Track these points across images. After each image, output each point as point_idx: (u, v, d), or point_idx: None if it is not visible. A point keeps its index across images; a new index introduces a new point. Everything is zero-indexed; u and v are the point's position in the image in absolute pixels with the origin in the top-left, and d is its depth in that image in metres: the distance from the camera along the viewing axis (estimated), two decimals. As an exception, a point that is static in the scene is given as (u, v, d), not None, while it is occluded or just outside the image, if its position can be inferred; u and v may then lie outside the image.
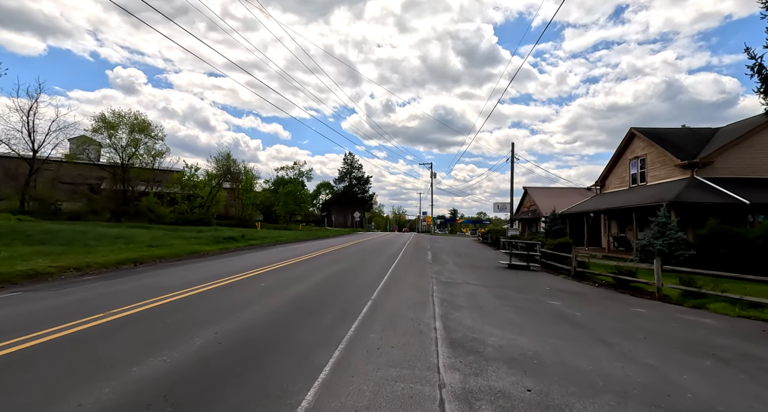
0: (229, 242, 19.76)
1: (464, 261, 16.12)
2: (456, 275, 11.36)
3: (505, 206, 57.34)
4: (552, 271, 14.16)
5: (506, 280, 11.11)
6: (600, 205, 23.09)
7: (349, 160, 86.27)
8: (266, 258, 13.83)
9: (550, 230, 27.96)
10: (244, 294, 7.12)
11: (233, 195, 48.42)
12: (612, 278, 10.94)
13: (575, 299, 8.41)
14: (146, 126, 31.84)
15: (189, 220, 34.62)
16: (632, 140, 22.89)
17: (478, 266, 14.40)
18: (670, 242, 14.53)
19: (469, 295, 8.24)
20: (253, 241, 21.99)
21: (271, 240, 23.91)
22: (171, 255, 13.37)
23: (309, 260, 13.53)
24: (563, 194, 44.37)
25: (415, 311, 6.43)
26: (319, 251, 17.50)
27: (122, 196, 31.87)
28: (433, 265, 13.98)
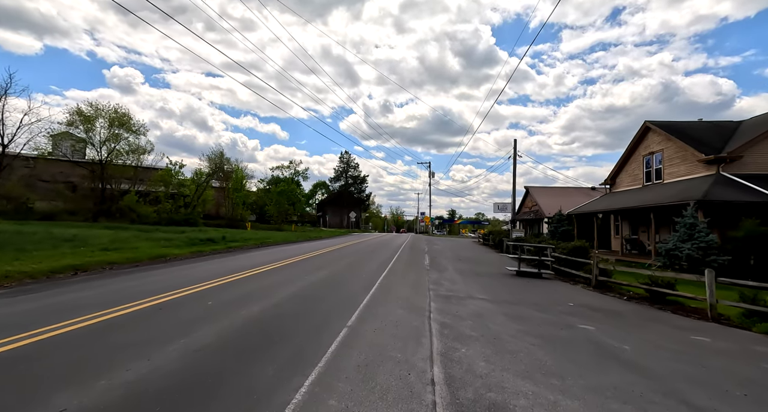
0: (205, 245, 17.91)
1: (466, 267, 14.33)
2: (458, 286, 9.56)
3: (505, 206, 55.56)
4: (567, 279, 12.38)
5: (518, 292, 9.31)
6: (612, 204, 21.34)
7: (346, 158, 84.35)
8: (239, 264, 12.01)
9: (556, 231, 26.22)
10: (175, 320, 5.29)
11: (224, 194, 46.58)
12: (644, 289, 9.18)
13: (611, 321, 6.62)
14: (127, 120, 29.93)
15: (173, 220, 32.73)
16: (646, 135, 21.16)
17: (482, 273, 12.61)
18: (700, 245, 12.77)
19: (477, 316, 6.44)
20: (234, 243, 20.14)
21: (256, 242, 22.06)
22: (128, 260, 11.53)
23: (288, 266, 11.71)
24: (566, 194, 42.74)
25: (405, 346, 4.63)
26: (305, 255, 15.68)
27: (101, 194, 29.93)
28: (431, 272, 12.19)
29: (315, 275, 10.10)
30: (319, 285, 8.52)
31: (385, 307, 6.67)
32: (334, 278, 9.69)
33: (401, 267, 12.97)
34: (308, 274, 10.18)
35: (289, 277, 9.53)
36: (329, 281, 9.27)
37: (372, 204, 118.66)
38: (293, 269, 11.05)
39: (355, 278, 10.00)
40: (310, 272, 10.66)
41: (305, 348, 4.34)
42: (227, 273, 9.65)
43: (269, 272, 10.36)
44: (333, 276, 10.05)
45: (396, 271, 11.82)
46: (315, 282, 8.89)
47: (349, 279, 9.67)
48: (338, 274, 10.54)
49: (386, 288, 8.57)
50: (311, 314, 5.87)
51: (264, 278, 9.27)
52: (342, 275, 10.29)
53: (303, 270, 10.94)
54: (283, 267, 11.48)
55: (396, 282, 9.54)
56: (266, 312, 5.87)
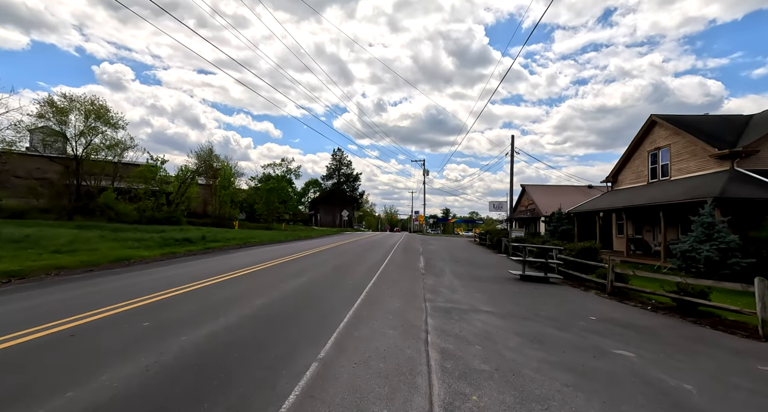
0: (180, 245, 16.45)
1: (464, 270, 13.08)
2: (458, 295, 8.29)
3: (501, 205, 54.44)
4: (576, 283, 11.19)
5: (527, 301, 8.07)
6: (616, 202, 20.27)
7: (338, 156, 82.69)
8: (210, 268, 10.62)
9: (555, 230, 25.15)
10: (83, 353, 3.93)
11: (211, 192, 44.91)
12: (670, 298, 7.99)
13: (649, 343, 5.39)
14: (104, 112, 28.17)
15: (154, 218, 31.07)
16: (652, 129, 20.11)
17: (483, 278, 11.36)
18: (719, 246, 11.66)
19: (485, 337, 5.17)
20: (214, 243, 18.69)
21: (239, 242, 20.62)
22: (81, 264, 10.08)
23: (265, 271, 10.34)
24: (564, 192, 41.83)
25: (393, 392, 3.32)
26: (289, 257, 14.32)
27: (76, 191, 28.18)
28: (427, 276, 10.91)
29: (292, 282, 8.75)
30: (293, 297, 7.18)
31: (371, 326, 5.36)
32: (315, 287, 8.35)
33: (394, 271, 11.67)
34: (285, 281, 8.83)
35: (262, 285, 8.18)
36: (308, 290, 7.93)
37: (366, 203, 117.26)
38: (269, 275, 9.69)
39: (340, 285, 8.68)
40: (288, 278, 9.31)
41: (251, 402, 3.01)
42: (190, 280, 8.27)
43: (240, 278, 9.00)
44: (313, 284, 8.71)
45: (387, 276, 10.52)
46: (290, 293, 7.55)
47: (332, 287, 8.35)
48: (320, 280, 9.21)
49: (375, 299, 7.26)
50: (274, 343, 4.53)
51: (231, 286, 7.90)
52: (324, 283, 8.96)
53: (280, 276, 9.59)
54: (258, 272, 10.11)
55: (387, 291, 8.23)
56: (214, 339, 4.53)
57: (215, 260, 12.72)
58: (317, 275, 9.94)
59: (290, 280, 8.97)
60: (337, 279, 9.52)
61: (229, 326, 5.05)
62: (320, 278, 9.60)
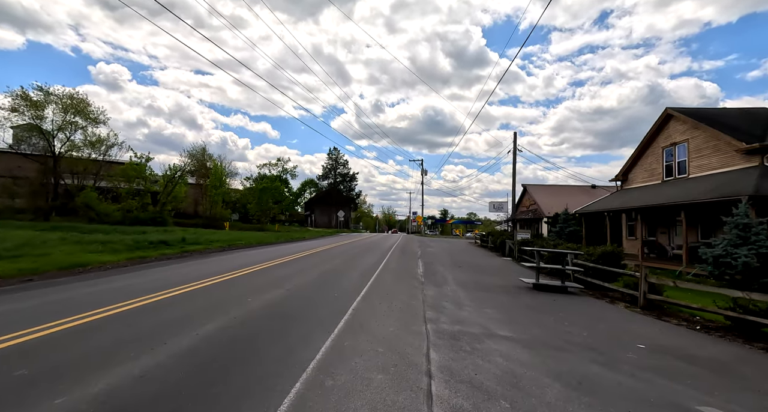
0: (155, 248, 14.91)
1: (469, 277, 11.62)
2: (466, 313, 6.81)
3: (501, 206, 53.05)
4: (597, 293, 9.75)
5: (551, 321, 6.60)
6: (628, 202, 18.87)
7: (334, 155, 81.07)
8: (175, 277, 9.11)
9: (562, 231, 23.72)
10: None
11: (202, 192, 43.35)
12: (723, 316, 6.56)
13: (737, 391, 3.93)
14: (84, 107, 26.59)
15: (138, 219, 29.49)
16: (667, 124, 18.73)
17: (492, 287, 9.90)
18: (759, 251, 10.24)
19: (512, 385, 3.69)
20: (194, 246, 17.15)
21: (222, 245, 19.08)
22: (19, 273, 8.56)
23: (235, 280, 8.84)
24: (566, 193, 40.52)
25: None
26: (272, 261, 12.82)
27: (54, 191, 26.57)
28: (427, 286, 9.44)
29: (265, 296, 7.26)
30: (258, 318, 5.69)
31: (351, 368, 3.87)
32: (289, 303, 6.86)
33: (389, 279, 10.19)
34: (257, 294, 7.33)
35: (225, 300, 6.68)
36: (280, 307, 6.44)
37: (364, 203, 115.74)
38: (239, 286, 8.19)
39: (321, 300, 7.19)
40: (261, 290, 7.81)
41: None
42: (138, 294, 6.76)
43: (201, 290, 7.49)
44: (289, 298, 7.22)
45: (381, 286, 9.04)
46: (256, 312, 6.05)
47: (311, 304, 6.86)
48: (299, 293, 7.71)
49: (362, 321, 5.78)
50: (216, 394, 3.02)
51: (184, 303, 6.40)
52: (303, 296, 7.46)
53: (253, 287, 8.09)
54: (228, 281, 8.61)
55: (378, 307, 6.75)
56: (133, 388, 3.02)
57: (186, 267, 11.20)
58: (297, 286, 8.44)
59: (263, 293, 7.47)
60: (320, 291, 8.03)
61: (132, 380, 3.51)
62: (300, 289, 8.11)
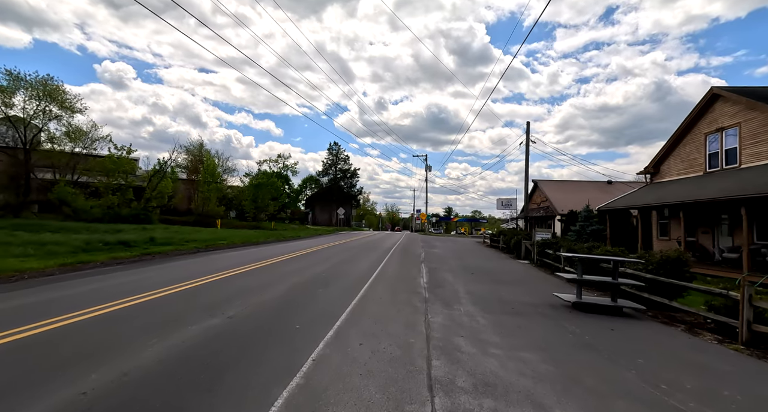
0: (109, 250, 12.62)
1: (487, 290, 9.19)
2: (496, 363, 4.38)
3: (510, 203, 50.37)
4: (659, 314, 7.30)
5: (638, 382, 4.16)
6: (664, 197, 16.33)
7: (335, 150, 78.51)
8: (97, 294, 6.79)
9: (582, 231, 21.21)
10: None
11: (193, 187, 41.22)
12: None
13: None
14: (58, 93, 24.37)
15: (119, 216, 27.34)
16: (712, 107, 16.12)
17: (520, 307, 7.46)
18: None
19: None
20: (163, 247, 14.87)
21: (200, 245, 16.77)
22: None
23: (168, 298, 6.49)
24: (580, 189, 37.91)
25: None
26: (245, 267, 10.47)
27: (25, 185, 24.44)
28: (433, 306, 7.03)
29: (178, 332, 4.88)
30: (126, 392, 3.31)
31: None
32: (211, 349, 4.48)
33: (381, 296, 7.79)
34: (168, 328, 4.96)
35: (106, 342, 4.32)
36: (189, 362, 4.06)
37: (367, 201, 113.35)
38: (154, 311, 5.83)
39: (268, 341, 4.81)
40: (179, 320, 5.44)
41: None
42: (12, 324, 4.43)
43: (95, 321, 5.14)
44: (218, 338, 4.84)
45: (369, 308, 6.65)
46: (137, 374, 3.68)
47: (247, 351, 4.47)
48: (238, 327, 5.33)
49: (322, 390, 3.38)
50: None
51: (65, 344, 4.05)
52: (241, 334, 5.08)
53: (170, 315, 5.72)
54: (145, 304, 6.26)
55: (357, 355, 4.36)
56: None
57: (122, 277, 8.88)
58: (248, 310, 6.06)
59: (186, 324, 5.09)
60: (279, 318, 5.65)
61: None
62: (249, 315, 5.73)
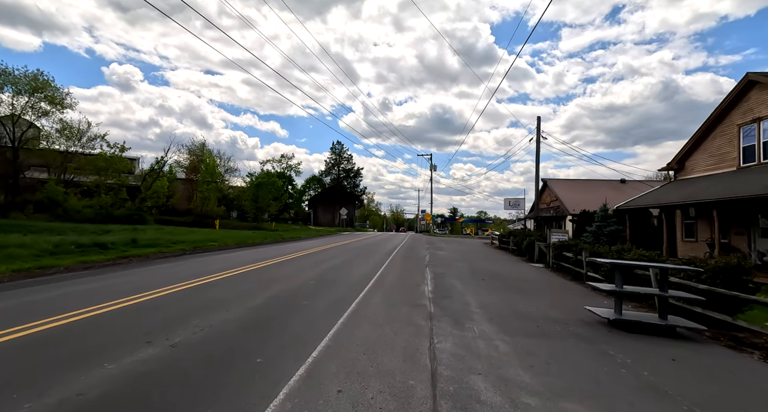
0: (80, 253, 11.45)
1: (503, 301, 7.83)
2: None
3: (518, 203, 48.71)
4: (719, 334, 5.89)
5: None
6: (693, 194, 14.84)
7: (338, 149, 77.22)
8: (47, 305, 5.55)
9: (600, 232, 19.71)
10: None
11: (192, 187, 40.24)
12: None
13: None
14: (45, 86, 23.39)
15: (112, 216, 26.37)
16: (747, 95, 14.61)
17: (548, 326, 6.09)
18: None
19: None
20: (146, 249, 13.70)
21: (186, 247, 15.59)
22: None
23: (109, 316, 5.24)
24: (592, 188, 36.31)
25: None
26: (223, 273, 9.22)
27: (13, 184, 23.50)
28: (440, 324, 5.70)
29: (88, 374, 3.60)
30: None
31: None
32: (124, 398, 3.18)
33: (377, 311, 6.47)
34: (89, 362, 3.69)
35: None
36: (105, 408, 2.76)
37: (372, 201, 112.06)
38: (76, 338, 4.56)
39: (226, 372, 3.50)
40: (112, 347, 4.16)
41: None
42: None
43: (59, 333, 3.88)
44: (145, 378, 3.55)
45: (360, 330, 5.33)
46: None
47: (192, 393, 3.16)
48: (179, 363, 4.04)
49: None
50: None
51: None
52: (195, 363, 3.79)
53: (100, 345, 4.46)
54: (90, 321, 5.00)
55: (335, 406, 3.03)
56: None
57: (88, 283, 7.66)
58: (207, 332, 4.77)
59: (127, 350, 3.81)
60: (244, 342, 4.35)
61: None
62: (205, 342, 4.44)
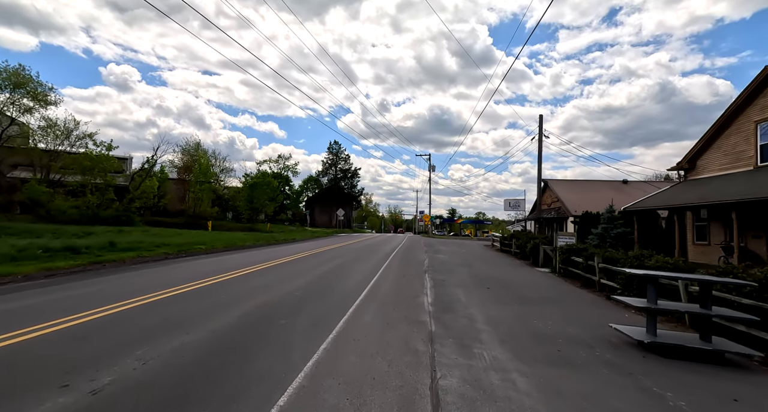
0: (48, 259, 10.45)
1: (513, 315, 6.91)
2: None
3: (518, 204, 47.85)
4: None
5: None
6: (708, 195, 13.99)
7: (335, 149, 76.22)
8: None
9: (606, 234, 18.82)
10: None
11: (184, 188, 39.23)
12: None
13: None
14: (28, 82, 22.34)
15: (98, 217, 25.33)
16: (766, 90, 13.80)
17: (570, 349, 5.18)
18: None
19: None
20: (123, 253, 12.72)
21: (169, 251, 14.60)
22: None
23: (76, 329, 4.28)
24: (594, 188, 35.51)
25: None
26: (210, 279, 8.27)
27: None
28: (442, 346, 4.77)
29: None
30: None
31: None
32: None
33: (367, 334, 5.53)
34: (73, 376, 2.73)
35: None
36: None
37: (370, 202, 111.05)
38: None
39: None
40: (26, 389, 3.21)
41: None
42: None
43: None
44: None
45: (345, 360, 4.39)
46: None
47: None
48: (128, 398, 3.09)
49: None
50: None
51: None
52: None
53: (21, 377, 3.50)
54: (7, 351, 4.05)
55: None
56: None
57: (38, 296, 6.69)
58: (146, 369, 3.82)
59: (33, 399, 2.86)
60: (192, 383, 3.41)
61: None
62: (139, 386, 3.49)
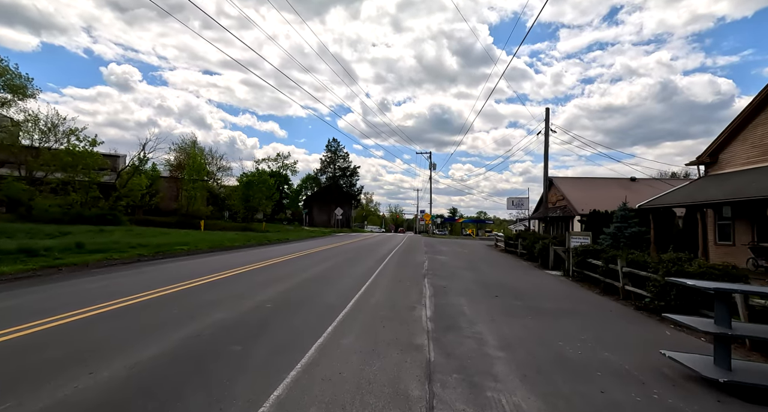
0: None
1: (530, 335, 5.66)
2: None
3: (521, 202, 46.55)
4: None
5: None
6: (738, 191, 12.70)
7: (334, 147, 74.94)
8: None
9: (619, 234, 17.54)
10: None
11: (177, 186, 38.01)
12: None
13: None
14: (3, 73, 21.12)
15: (82, 216, 24.16)
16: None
17: (614, 388, 3.93)
18: None
19: None
20: (90, 256, 11.52)
21: (146, 252, 13.38)
22: None
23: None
24: (601, 186, 34.25)
25: None
26: (179, 285, 7.04)
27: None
28: (445, 386, 3.53)
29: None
30: None
31: None
32: None
33: (343, 370, 4.29)
34: None
35: None
36: None
37: (370, 202, 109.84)
38: None
39: None
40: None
41: None
42: None
43: None
44: None
45: (319, 405, 3.14)
46: None
47: None
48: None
49: None
50: None
51: None
52: None
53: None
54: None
55: None
56: None
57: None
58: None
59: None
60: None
61: None
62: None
